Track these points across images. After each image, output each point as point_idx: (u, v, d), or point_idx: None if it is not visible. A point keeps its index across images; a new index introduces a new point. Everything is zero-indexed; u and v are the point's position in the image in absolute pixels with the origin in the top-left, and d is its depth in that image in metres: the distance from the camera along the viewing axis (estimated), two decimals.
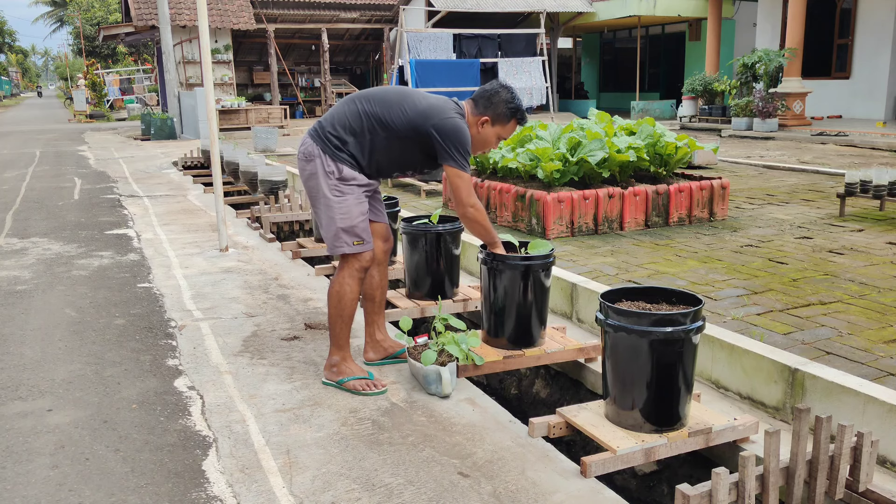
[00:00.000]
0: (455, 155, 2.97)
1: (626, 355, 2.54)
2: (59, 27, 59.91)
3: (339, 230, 3.02)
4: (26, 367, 3.48)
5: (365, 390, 3.02)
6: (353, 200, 3.03)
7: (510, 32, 17.35)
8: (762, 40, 16.88)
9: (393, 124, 3.00)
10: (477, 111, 3.11)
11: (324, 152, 3.02)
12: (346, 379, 3.06)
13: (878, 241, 5.23)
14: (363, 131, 3.02)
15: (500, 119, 3.10)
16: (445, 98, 3.14)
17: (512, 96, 3.11)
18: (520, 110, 3.12)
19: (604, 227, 5.63)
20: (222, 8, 19.97)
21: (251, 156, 9.16)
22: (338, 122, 3.03)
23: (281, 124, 18.61)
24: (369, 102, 3.04)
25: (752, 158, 10.23)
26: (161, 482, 2.45)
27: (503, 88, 3.11)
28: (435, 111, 3.00)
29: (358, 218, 3.04)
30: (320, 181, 3.02)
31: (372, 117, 3.01)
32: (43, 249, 6.02)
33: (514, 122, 3.13)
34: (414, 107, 3.01)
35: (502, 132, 3.14)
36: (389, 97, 3.06)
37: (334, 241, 3.05)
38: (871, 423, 2.53)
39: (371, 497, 2.31)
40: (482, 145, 3.17)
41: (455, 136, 2.97)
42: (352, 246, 3.02)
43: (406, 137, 3.02)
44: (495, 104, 3.08)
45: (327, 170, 3.01)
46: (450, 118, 2.98)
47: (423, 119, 2.98)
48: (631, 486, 2.97)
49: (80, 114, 27.77)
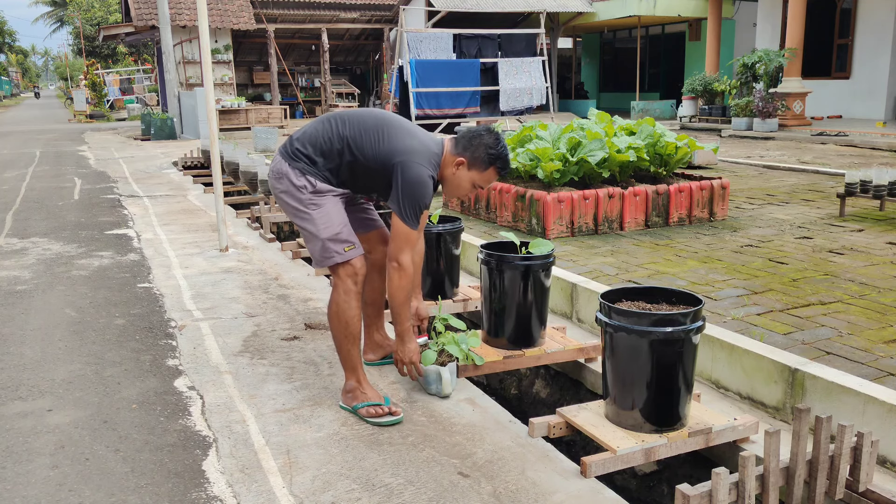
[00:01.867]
0: (402, 204, 2.77)
1: (626, 355, 2.54)
2: (59, 27, 59.90)
3: (324, 241, 2.85)
4: (26, 367, 3.48)
5: (378, 417, 2.83)
6: (331, 207, 2.88)
7: (510, 32, 17.32)
8: (762, 40, 16.88)
9: (362, 152, 2.83)
10: (455, 150, 2.89)
11: (292, 168, 2.86)
12: (360, 405, 2.87)
13: (878, 241, 5.23)
14: (332, 152, 2.86)
15: (477, 164, 2.87)
16: (428, 140, 2.91)
17: (496, 142, 2.87)
18: (500, 159, 2.87)
19: (604, 227, 5.63)
20: (222, 8, 19.98)
21: (251, 156, 9.16)
22: (308, 140, 2.89)
23: (281, 124, 18.62)
24: (344, 124, 2.87)
25: (752, 158, 10.23)
26: (161, 482, 2.45)
27: (488, 133, 2.89)
28: (407, 151, 2.80)
29: (340, 223, 2.88)
30: (294, 198, 2.87)
31: (343, 140, 2.85)
32: (43, 249, 6.02)
33: (492, 170, 2.89)
34: (389, 140, 2.83)
35: (478, 179, 2.90)
36: (367, 122, 2.88)
37: (323, 254, 2.88)
38: (871, 423, 2.53)
39: (371, 497, 2.31)
40: (454, 189, 2.96)
41: (412, 185, 2.76)
42: (343, 253, 2.85)
43: (372, 167, 2.85)
44: (475, 147, 2.86)
45: (298, 184, 2.85)
46: (418, 165, 2.78)
47: (392, 154, 2.80)
48: (631, 486, 2.97)
49: (80, 114, 27.77)
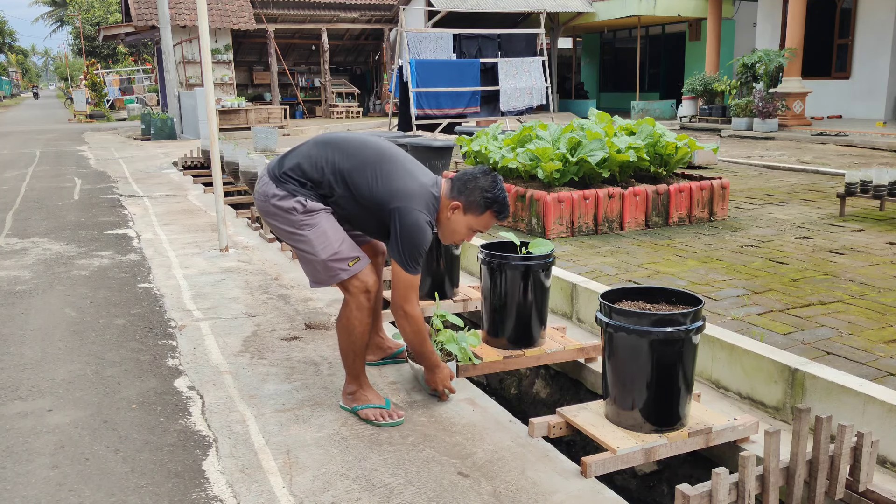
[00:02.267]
0: (402, 251, 2.66)
1: (626, 355, 2.54)
2: (59, 27, 59.91)
3: (325, 262, 2.72)
4: (26, 367, 3.48)
5: (379, 420, 2.80)
6: (326, 224, 2.72)
7: (510, 32, 17.33)
8: (762, 40, 16.88)
9: (357, 188, 2.69)
10: (451, 194, 2.77)
11: (282, 190, 2.71)
12: (361, 406, 2.86)
13: (878, 241, 5.23)
14: (323, 183, 2.71)
15: (473, 208, 2.75)
16: (427, 181, 2.77)
17: (492, 185, 2.74)
18: (497, 202, 2.74)
19: (604, 227, 5.63)
20: (222, 8, 19.98)
21: (251, 156, 9.15)
22: (299, 165, 2.73)
23: (281, 124, 18.62)
24: (341, 153, 2.73)
25: (752, 158, 10.23)
26: (161, 482, 2.45)
27: (484, 175, 2.76)
28: (406, 195, 2.67)
29: (338, 240, 2.73)
30: (285, 221, 2.73)
31: (338, 172, 2.70)
32: (43, 249, 6.02)
33: (489, 214, 2.77)
34: (387, 180, 2.68)
35: (474, 223, 2.79)
36: (366, 157, 2.73)
37: (327, 272, 2.75)
38: (871, 423, 2.53)
39: (371, 497, 2.31)
40: (450, 234, 2.84)
41: (410, 233, 2.64)
42: (349, 269, 2.73)
43: (366, 206, 2.71)
44: (470, 190, 2.74)
45: (287, 207, 2.70)
46: (415, 211, 2.65)
47: (390, 198, 2.66)
48: (631, 486, 2.97)
49: (80, 114, 27.77)
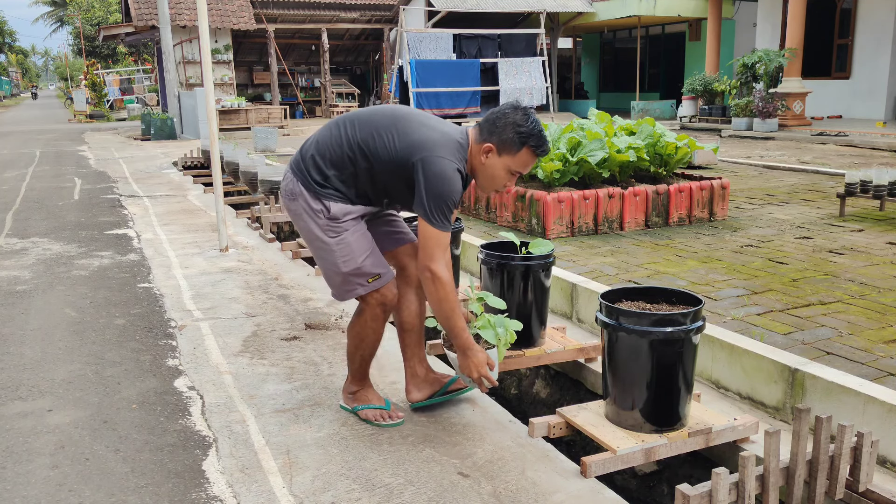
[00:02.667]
0: (428, 204, 2.43)
1: (626, 355, 2.54)
2: (59, 27, 59.93)
3: (345, 276, 2.59)
4: (26, 367, 3.48)
5: (378, 421, 2.75)
6: (351, 237, 2.58)
7: (510, 32, 17.35)
8: (762, 40, 16.88)
9: (377, 154, 2.52)
10: (481, 137, 2.55)
11: (306, 189, 2.59)
12: (361, 407, 2.80)
13: (878, 241, 5.23)
14: (344, 161, 2.56)
15: (507, 147, 2.51)
16: (450, 130, 2.56)
17: (525, 118, 2.50)
18: (533, 136, 2.49)
19: (604, 227, 5.63)
20: (222, 8, 19.98)
21: (251, 156, 9.16)
22: (318, 151, 2.61)
23: (281, 124, 18.63)
24: (353, 126, 2.58)
25: (752, 158, 10.23)
26: (161, 482, 2.45)
27: (514, 110, 2.53)
28: (427, 145, 2.47)
29: (363, 255, 2.58)
30: (309, 222, 2.60)
31: (354, 145, 2.55)
32: (43, 249, 6.02)
33: (526, 150, 2.51)
34: (405, 136, 2.50)
35: (512, 164, 2.53)
36: (377, 121, 2.57)
37: (343, 286, 2.62)
38: (871, 423, 2.53)
39: (371, 497, 2.31)
40: (489, 181, 2.59)
41: (437, 181, 2.42)
42: (367, 285, 2.59)
43: (390, 171, 2.53)
44: (501, 128, 2.50)
45: (314, 208, 2.58)
46: (439, 158, 2.44)
47: (411, 152, 2.47)
48: (631, 486, 2.97)
49: (80, 114, 27.78)
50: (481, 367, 2.59)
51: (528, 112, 2.53)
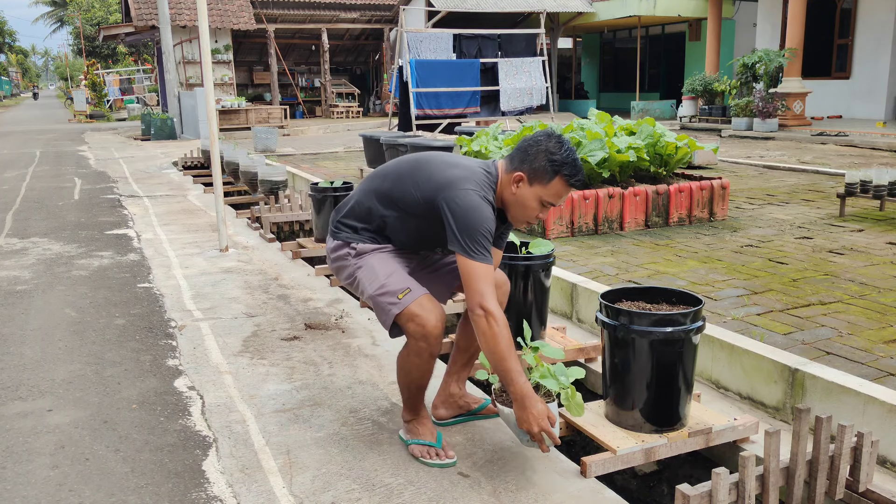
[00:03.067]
0: (462, 238, 2.31)
1: (626, 355, 2.54)
2: (59, 27, 59.92)
3: (374, 299, 2.48)
4: (26, 367, 3.48)
5: (425, 458, 2.53)
6: (374, 261, 2.53)
7: (510, 32, 17.34)
8: (762, 40, 16.88)
9: (404, 203, 2.48)
10: (511, 166, 2.44)
11: (335, 239, 2.62)
12: (410, 441, 2.61)
13: (878, 241, 5.23)
14: (372, 215, 2.55)
15: (539, 176, 2.38)
16: (475, 165, 2.49)
17: (558, 146, 2.39)
18: (566, 164, 2.37)
19: (604, 227, 5.63)
20: (222, 8, 19.98)
21: (251, 156, 9.16)
22: (348, 209, 2.63)
23: (281, 124, 18.63)
24: (378, 179, 2.59)
25: (752, 158, 10.23)
26: (161, 482, 2.45)
27: (548, 137, 2.42)
28: (451, 182, 2.38)
29: (385, 274, 2.49)
30: (344, 267, 2.59)
31: (381, 197, 2.53)
32: (43, 249, 6.02)
33: (559, 180, 2.38)
34: (428, 180, 2.44)
35: (544, 194, 2.40)
36: (401, 170, 2.54)
37: (378, 310, 2.49)
38: (871, 423, 2.53)
39: (371, 497, 2.31)
40: (521, 212, 2.46)
41: (465, 214, 2.32)
42: (399, 301, 2.41)
43: (420, 216, 2.47)
44: (532, 156, 2.39)
45: (345, 253, 2.58)
46: (466, 191, 2.35)
47: (435, 193, 2.39)
48: (631, 486, 2.97)
49: (80, 114, 27.78)
50: (542, 419, 2.27)
51: (561, 139, 2.42)
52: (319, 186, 5.61)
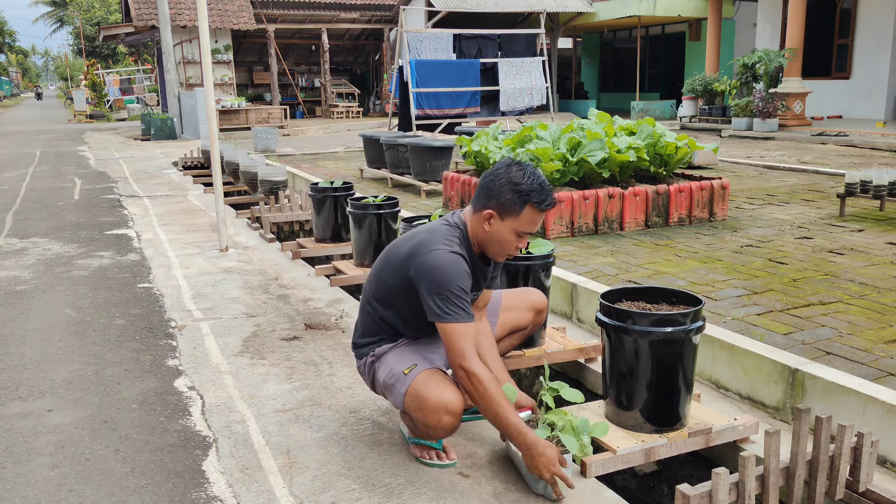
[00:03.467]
0: (433, 301, 2.26)
1: (626, 355, 2.54)
2: (59, 27, 59.92)
3: (383, 383, 2.48)
4: (26, 367, 3.48)
5: (424, 458, 2.51)
6: (388, 354, 2.52)
7: (510, 32, 17.35)
8: (762, 40, 16.88)
9: (390, 293, 2.47)
10: (478, 206, 2.38)
11: (360, 358, 2.62)
12: (413, 440, 2.58)
13: (878, 241, 5.23)
14: (377, 323, 2.54)
15: (509, 209, 2.32)
16: (438, 226, 2.43)
17: (522, 175, 2.32)
18: (533, 192, 2.31)
19: (604, 227, 5.63)
20: (222, 8, 19.98)
21: (251, 156, 9.16)
22: (359, 331, 2.64)
23: (281, 124, 18.63)
24: (367, 285, 2.60)
25: (752, 158, 10.23)
26: (161, 482, 2.45)
27: (507, 168, 2.36)
28: (416, 251, 2.35)
29: (395, 360, 2.48)
30: (374, 379, 2.57)
31: (373, 300, 2.54)
32: (43, 249, 6.02)
33: (529, 209, 2.32)
34: (397, 260, 2.42)
35: (518, 226, 2.34)
36: (376, 268, 2.55)
37: (387, 392, 2.48)
38: (871, 423, 2.53)
39: (371, 497, 2.31)
40: (499, 248, 2.41)
41: (432, 275, 2.27)
42: (405, 377, 2.39)
43: (408, 300, 2.42)
44: (497, 191, 2.33)
45: (368, 362, 2.57)
46: (431, 253, 2.30)
47: (406, 267, 2.37)
48: (631, 486, 2.97)
49: (80, 114, 27.79)
50: (552, 465, 2.19)
51: (522, 166, 2.36)
52: (319, 186, 5.61)
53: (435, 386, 2.32)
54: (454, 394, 2.32)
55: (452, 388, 2.33)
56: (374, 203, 4.83)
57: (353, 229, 4.94)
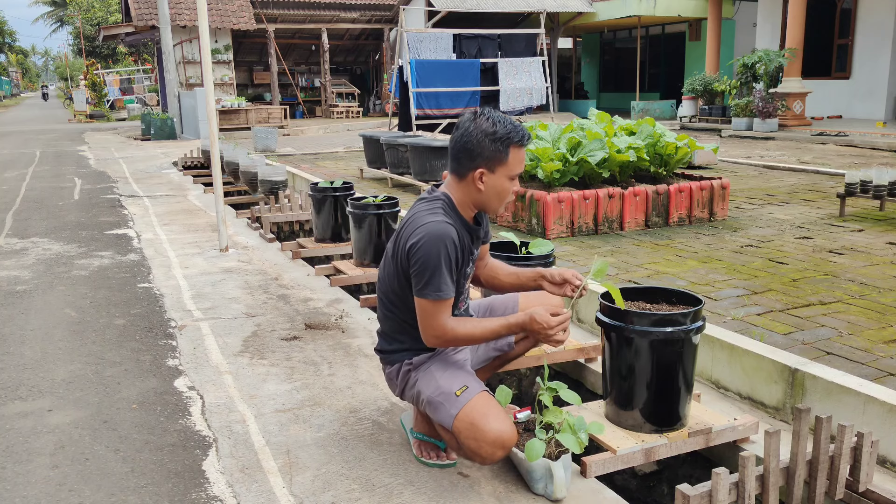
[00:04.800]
0: (416, 276, 2.30)
1: (626, 355, 2.54)
2: (59, 27, 59.92)
3: (429, 400, 2.40)
4: (26, 367, 3.48)
5: (423, 457, 2.52)
6: (433, 366, 2.45)
7: (510, 32, 17.36)
8: (762, 40, 16.88)
9: (399, 289, 2.42)
10: (462, 170, 2.36)
11: (390, 364, 2.55)
12: (417, 434, 2.59)
13: (878, 241, 5.23)
14: (397, 323, 2.50)
15: (496, 159, 2.32)
16: (422, 206, 2.41)
17: (491, 123, 2.32)
18: (510, 133, 2.31)
19: (604, 227, 5.63)
20: (222, 8, 19.98)
21: (251, 156, 9.17)
22: (380, 335, 2.62)
23: (281, 124, 18.63)
24: (379, 289, 2.57)
25: (752, 158, 10.23)
26: (161, 482, 2.45)
27: (473, 122, 2.34)
28: (408, 234, 2.34)
29: (444, 376, 2.40)
30: (410, 384, 2.49)
31: (387, 304, 2.50)
32: (43, 249, 6.02)
33: (513, 150, 2.33)
34: (393, 256, 2.42)
35: (508, 171, 2.35)
36: (382, 267, 2.54)
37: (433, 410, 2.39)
38: (871, 423, 2.53)
39: (371, 497, 2.31)
40: (497, 199, 2.40)
41: (422, 253, 2.27)
42: (457, 398, 2.32)
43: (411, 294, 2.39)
44: (476, 148, 2.32)
45: (404, 371, 2.51)
46: (419, 229, 2.30)
47: (402, 256, 2.36)
48: (631, 486, 2.97)
49: (80, 114, 27.79)
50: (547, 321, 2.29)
51: (486, 114, 2.36)
52: (319, 186, 5.61)
53: (493, 419, 2.26)
54: (511, 431, 2.27)
55: (509, 423, 2.29)
56: (374, 203, 4.83)
57: (353, 229, 4.94)
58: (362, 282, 4.90)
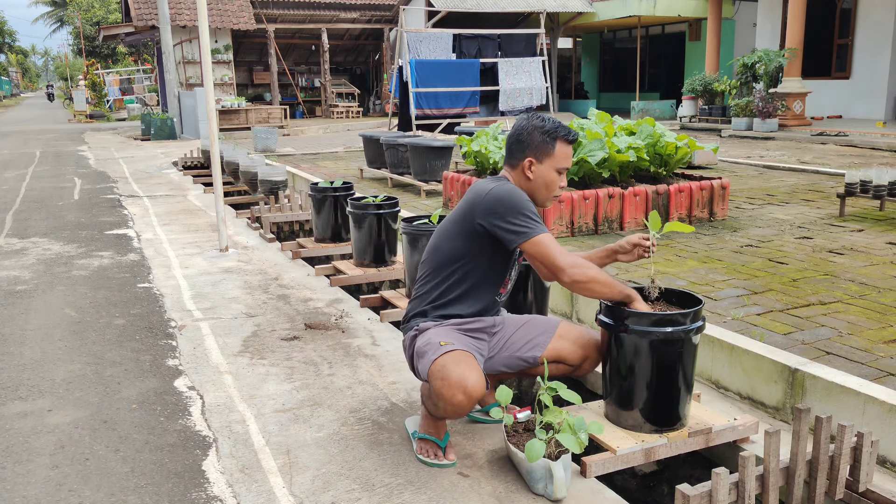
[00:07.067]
0: (512, 225, 2.44)
1: (626, 355, 2.54)
2: (59, 27, 59.88)
3: (417, 349, 2.52)
4: (26, 367, 3.48)
5: (422, 456, 2.55)
6: (431, 331, 2.55)
7: (510, 32, 17.37)
8: (762, 40, 16.88)
9: (456, 253, 2.56)
10: (514, 160, 2.62)
11: (406, 332, 2.67)
12: (419, 434, 2.61)
13: (878, 241, 5.23)
14: (426, 283, 2.63)
15: (544, 150, 2.58)
16: (488, 181, 2.62)
17: (542, 120, 2.61)
18: (558, 129, 2.59)
19: (604, 227, 5.63)
20: (222, 8, 19.98)
21: (251, 156, 9.17)
22: (418, 294, 2.69)
23: (281, 124, 18.63)
24: (426, 258, 2.69)
25: (752, 158, 10.23)
26: (161, 482, 2.45)
27: (528, 119, 2.63)
28: (477, 197, 2.53)
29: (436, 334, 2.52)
30: (413, 347, 2.59)
31: (436, 261, 2.62)
32: (43, 249, 6.02)
33: (560, 143, 2.59)
34: (463, 210, 2.58)
35: (555, 163, 2.59)
36: (433, 241, 2.68)
37: (416, 357, 2.53)
38: (871, 423, 2.53)
39: (371, 497, 2.31)
40: (546, 190, 2.62)
41: (500, 203, 2.47)
42: (440, 347, 2.43)
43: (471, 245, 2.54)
44: (528, 139, 2.59)
45: (411, 335, 2.61)
46: (493, 189, 2.51)
47: (474, 212, 2.51)
48: (631, 486, 2.97)
49: (80, 114, 27.79)
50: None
51: (539, 115, 2.66)
52: (319, 186, 5.61)
53: (465, 365, 2.37)
54: (478, 379, 2.35)
55: (479, 373, 2.38)
56: (374, 203, 4.83)
57: (353, 229, 4.94)
58: (362, 282, 4.90)
